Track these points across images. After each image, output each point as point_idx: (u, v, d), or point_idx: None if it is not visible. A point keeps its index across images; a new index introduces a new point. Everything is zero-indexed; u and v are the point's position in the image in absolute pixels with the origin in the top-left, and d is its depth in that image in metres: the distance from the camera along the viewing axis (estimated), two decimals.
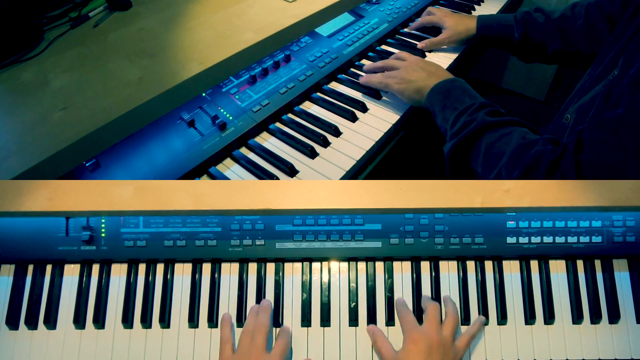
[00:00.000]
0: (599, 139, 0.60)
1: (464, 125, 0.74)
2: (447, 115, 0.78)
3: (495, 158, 0.69)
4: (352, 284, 0.69)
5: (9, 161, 0.57)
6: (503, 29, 1.07)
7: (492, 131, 0.72)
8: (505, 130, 0.71)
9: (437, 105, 0.81)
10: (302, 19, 0.89)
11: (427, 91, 0.83)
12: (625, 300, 0.70)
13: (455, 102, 0.79)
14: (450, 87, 0.82)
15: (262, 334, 0.62)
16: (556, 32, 1.04)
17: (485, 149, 0.71)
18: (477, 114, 0.74)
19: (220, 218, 0.68)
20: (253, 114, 0.85)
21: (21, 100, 0.67)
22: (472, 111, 0.75)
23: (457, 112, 0.77)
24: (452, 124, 0.77)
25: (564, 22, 1.04)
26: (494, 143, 0.70)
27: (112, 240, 0.68)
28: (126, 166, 0.73)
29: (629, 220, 0.70)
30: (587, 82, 0.82)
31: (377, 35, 1.13)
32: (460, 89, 0.81)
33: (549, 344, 0.68)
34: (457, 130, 0.75)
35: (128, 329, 0.67)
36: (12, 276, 0.68)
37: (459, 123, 0.75)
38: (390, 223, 0.69)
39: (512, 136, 0.69)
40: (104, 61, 0.75)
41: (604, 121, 0.61)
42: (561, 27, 1.04)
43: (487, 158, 0.71)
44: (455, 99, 0.79)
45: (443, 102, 0.80)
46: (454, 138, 0.75)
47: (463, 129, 0.74)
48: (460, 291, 0.69)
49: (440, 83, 0.83)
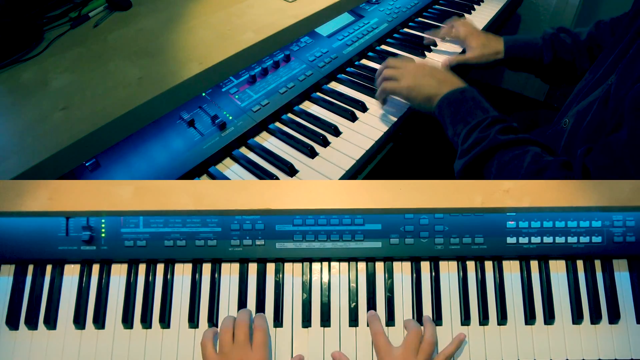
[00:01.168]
0: (604, 166, 0.60)
1: (475, 142, 0.72)
2: (458, 129, 0.76)
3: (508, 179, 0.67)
4: (352, 284, 0.69)
5: (9, 161, 0.57)
6: (532, 51, 1.04)
7: (504, 150, 0.69)
8: (517, 150, 0.69)
9: (447, 116, 0.78)
10: (302, 19, 0.89)
11: (437, 100, 0.80)
12: (625, 300, 0.70)
13: (466, 115, 0.76)
14: (461, 99, 0.78)
15: (243, 329, 0.63)
16: (585, 51, 1.03)
17: (497, 171, 0.69)
18: (489, 131, 0.72)
19: (220, 218, 0.68)
20: (253, 114, 0.85)
21: (21, 100, 0.67)
22: (483, 127, 0.72)
23: (469, 128, 0.74)
24: (463, 139, 0.74)
25: (592, 41, 1.03)
26: (506, 164, 0.68)
27: (112, 240, 0.68)
28: (126, 166, 0.73)
29: (629, 220, 0.70)
30: (585, 87, 0.82)
31: (377, 35, 1.13)
32: (472, 100, 0.78)
33: (549, 344, 0.68)
34: (468, 147, 0.72)
35: (128, 329, 0.67)
36: (12, 276, 0.68)
37: (470, 139, 0.73)
38: (390, 223, 0.69)
39: (525, 158, 0.67)
40: (104, 61, 0.75)
41: (608, 147, 0.60)
42: (590, 46, 1.03)
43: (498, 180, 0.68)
44: (467, 112, 0.76)
45: (454, 115, 0.77)
46: (465, 156, 0.73)
47: (474, 146, 0.72)
48: (460, 291, 0.69)
49: (450, 93, 0.79)
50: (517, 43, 1.05)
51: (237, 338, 0.62)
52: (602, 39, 1.02)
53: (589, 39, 1.04)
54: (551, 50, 1.03)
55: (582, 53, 1.03)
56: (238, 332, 0.63)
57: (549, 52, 1.03)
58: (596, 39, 1.03)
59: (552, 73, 1.07)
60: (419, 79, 0.85)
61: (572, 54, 1.04)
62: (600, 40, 1.02)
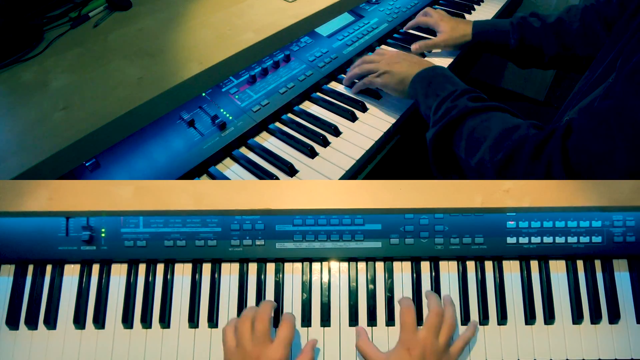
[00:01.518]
0: (588, 126, 0.59)
1: (446, 111, 0.74)
2: (429, 102, 0.79)
3: (478, 142, 0.69)
4: (352, 284, 0.69)
5: (9, 161, 0.57)
6: (499, 35, 1.06)
7: (474, 116, 0.72)
8: (487, 115, 0.71)
9: (420, 93, 0.81)
10: (302, 19, 0.89)
11: (410, 80, 0.84)
12: (625, 300, 0.70)
13: (437, 89, 0.79)
14: (432, 75, 0.82)
15: (263, 322, 0.59)
16: (553, 37, 1.03)
17: (468, 134, 0.71)
18: (459, 101, 0.74)
19: (220, 218, 0.68)
20: (253, 114, 0.85)
21: (21, 100, 0.67)
22: (454, 97, 0.75)
23: (440, 99, 0.77)
24: (434, 111, 0.77)
25: (560, 26, 1.03)
26: (476, 127, 0.70)
27: (112, 240, 0.68)
28: (126, 166, 0.73)
29: (629, 220, 0.70)
30: (585, 86, 0.82)
31: (376, 35, 1.13)
32: (443, 76, 0.81)
33: (549, 344, 0.68)
34: (440, 117, 0.75)
35: (128, 329, 0.67)
36: (12, 276, 0.68)
37: (441, 110, 0.75)
38: (390, 223, 0.69)
39: (495, 120, 0.69)
40: (104, 61, 0.75)
41: (595, 111, 0.60)
42: (557, 31, 1.03)
43: (469, 142, 0.71)
44: (437, 86, 0.79)
45: (425, 90, 0.80)
46: (436, 125, 0.75)
47: (445, 115, 0.74)
48: (460, 291, 0.69)
49: (422, 71, 0.83)
50: (485, 27, 1.08)
51: (255, 331, 0.59)
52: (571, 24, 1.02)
53: (557, 22, 1.04)
54: (518, 34, 1.04)
55: (549, 37, 1.04)
56: (257, 325, 0.59)
57: (515, 36, 1.05)
58: (564, 24, 1.03)
59: (520, 57, 1.09)
60: (391, 65, 0.89)
61: (539, 38, 1.04)
62: (569, 25, 1.02)
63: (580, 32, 1.01)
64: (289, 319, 0.62)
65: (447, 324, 0.63)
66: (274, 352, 0.58)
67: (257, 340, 0.58)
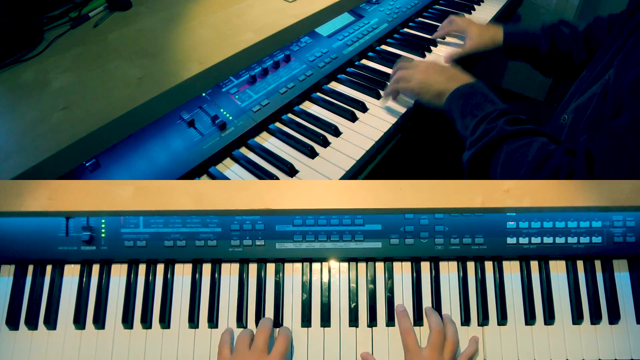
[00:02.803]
0: (606, 149, 0.60)
1: (483, 134, 0.73)
2: (466, 122, 0.77)
3: (515, 169, 0.68)
4: (352, 284, 0.69)
5: (9, 161, 0.57)
6: (530, 40, 1.05)
7: (511, 141, 0.70)
8: (524, 140, 0.70)
9: (456, 110, 0.79)
10: (302, 19, 0.89)
11: (447, 95, 0.82)
12: (625, 300, 0.70)
13: (475, 108, 0.77)
14: (470, 93, 0.80)
15: (263, 335, 0.62)
16: (582, 44, 1.03)
17: (504, 160, 0.70)
18: (496, 122, 0.72)
19: (220, 218, 0.68)
20: (253, 114, 0.85)
21: (21, 100, 0.67)
22: (491, 119, 0.73)
23: (477, 120, 0.75)
24: (471, 131, 0.75)
25: (589, 34, 1.04)
26: (513, 153, 0.69)
27: (112, 240, 0.68)
28: (126, 166, 0.73)
29: (629, 221, 0.70)
30: (584, 83, 0.82)
31: (377, 35, 1.13)
32: (481, 94, 0.79)
33: (549, 344, 0.68)
34: (476, 138, 0.73)
35: (128, 329, 0.67)
36: (12, 276, 0.68)
37: (478, 131, 0.74)
38: (390, 223, 0.69)
39: (532, 147, 0.68)
40: (104, 61, 0.75)
41: (609, 131, 0.61)
42: (587, 39, 1.03)
43: (505, 169, 0.70)
44: (475, 105, 0.77)
45: (462, 108, 0.78)
46: (472, 147, 0.73)
47: (482, 137, 0.72)
48: (460, 291, 0.69)
49: (460, 88, 0.81)
50: (516, 32, 1.07)
51: (255, 343, 0.62)
52: (599, 32, 1.02)
53: (586, 30, 1.04)
54: (549, 40, 1.04)
55: (579, 44, 1.04)
56: (258, 337, 0.62)
57: (547, 42, 1.04)
58: (593, 32, 1.03)
59: (549, 64, 1.08)
60: (428, 76, 0.87)
61: (569, 45, 1.04)
62: (597, 34, 1.02)
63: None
64: (285, 333, 0.64)
65: (450, 342, 0.64)
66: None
67: (255, 350, 0.61)
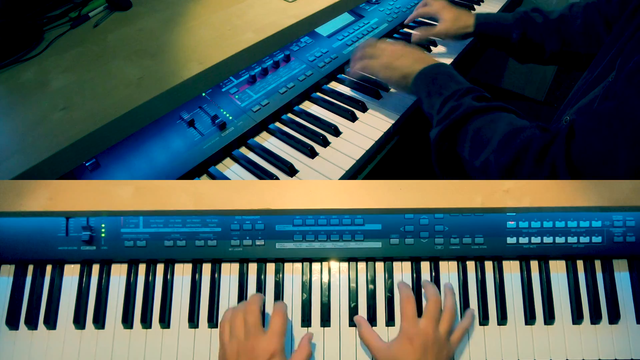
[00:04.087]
0: (591, 128, 0.60)
1: (450, 110, 0.73)
2: (433, 101, 0.78)
3: (483, 143, 0.69)
4: (352, 284, 0.69)
5: (9, 161, 0.57)
6: (501, 28, 1.06)
7: (478, 116, 0.71)
8: (492, 115, 0.70)
9: (423, 91, 0.80)
10: (302, 19, 0.89)
11: (413, 77, 0.83)
12: (625, 300, 0.70)
13: (441, 87, 0.78)
14: (436, 72, 0.81)
15: (253, 312, 0.60)
16: (554, 33, 1.04)
17: (472, 134, 0.70)
18: (463, 100, 0.73)
19: (220, 218, 0.68)
20: (253, 114, 0.85)
21: (21, 100, 0.67)
22: (458, 96, 0.74)
23: (443, 98, 0.76)
24: (438, 109, 0.76)
25: (562, 23, 1.04)
26: (480, 128, 0.70)
27: (112, 240, 0.68)
28: (126, 166, 0.73)
29: (629, 220, 0.70)
30: (585, 85, 0.82)
31: (376, 35, 1.13)
32: (447, 74, 0.80)
33: (549, 344, 0.68)
34: (444, 116, 0.74)
35: (128, 329, 0.67)
36: (12, 276, 0.68)
37: (445, 109, 0.74)
38: (390, 223, 0.69)
39: (500, 121, 0.69)
40: (104, 61, 0.75)
41: (598, 112, 0.61)
42: (559, 28, 1.04)
43: (474, 143, 0.70)
44: (441, 85, 0.78)
45: (429, 88, 0.79)
46: (440, 124, 0.74)
47: (449, 114, 0.73)
48: (460, 291, 0.69)
49: (425, 68, 0.82)
50: (488, 20, 1.08)
51: (246, 323, 0.59)
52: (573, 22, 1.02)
53: (559, 19, 1.04)
54: (520, 29, 1.04)
55: (552, 34, 1.04)
56: (247, 317, 0.59)
57: (518, 30, 1.04)
58: (566, 22, 1.03)
59: (520, 51, 1.09)
60: (394, 58, 0.87)
61: (541, 34, 1.05)
62: (571, 23, 1.03)
63: (582, 29, 1.01)
64: (280, 309, 0.62)
65: (447, 313, 0.64)
66: (268, 343, 0.58)
67: (249, 332, 0.58)
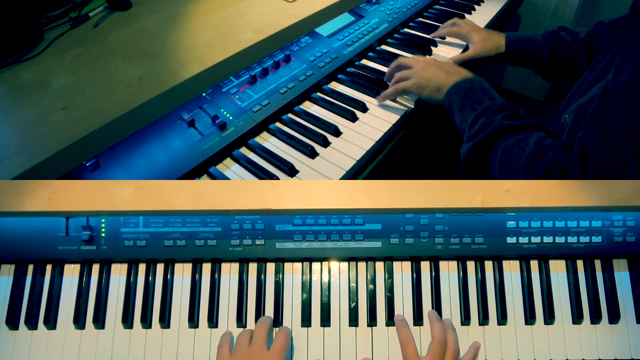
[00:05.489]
0: (600, 145, 0.61)
1: (482, 127, 0.74)
2: (465, 115, 0.78)
3: (512, 162, 0.69)
4: (352, 284, 0.69)
5: (9, 161, 0.57)
6: (532, 47, 1.07)
7: (509, 135, 0.72)
8: (522, 135, 0.71)
9: (455, 104, 0.81)
10: (302, 19, 0.89)
11: (447, 89, 0.83)
12: (625, 300, 0.70)
13: (474, 102, 0.78)
14: (469, 87, 0.81)
15: (262, 332, 0.62)
16: (584, 50, 1.05)
17: (502, 153, 0.71)
18: (495, 117, 0.74)
19: (220, 218, 0.68)
20: (253, 114, 0.85)
21: (21, 100, 0.67)
22: (490, 113, 0.75)
23: (476, 113, 0.76)
24: (470, 125, 0.77)
25: (590, 41, 1.05)
26: (511, 147, 0.70)
27: (112, 240, 0.68)
28: (126, 166, 0.73)
29: (629, 220, 0.70)
30: (584, 84, 0.83)
31: (377, 35, 1.13)
32: (480, 88, 0.81)
33: (549, 344, 0.68)
34: (475, 132, 0.75)
35: (128, 329, 0.67)
36: (12, 276, 0.68)
37: (477, 125, 0.75)
38: (390, 223, 0.69)
39: (529, 141, 0.69)
40: (104, 61, 0.75)
41: (603, 127, 0.61)
42: (589, 46, 1.05)
43: (503, 162, 0.71)
44: (475, 100, 0.79)
45: (462, 102, 0.80)
46: (471, 140, 0.75)
47: (481, 131, 0.74)
48: (460, 291, 0.69)
49: (460, 82, 0.83)
50: (518, 39, 1.08)
51: (254, 339, 0.62)
52: (600, 39, 1.03)
53: (587, 37, 1.05)
54: (550, 47, 1.06)
55: (581, 52, 1.05)
56: (257, 334, 0.62)
57: (548, 49, 1.06)
58: (594, 39, 1.04)
59: (551, 70, 1.10)
60: (428, 71, 0.88)
61: (571, 52, 1.06)
62: (598, 41, 1.04)
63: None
64: (284, 330, 0.64)
65: (450, 351, 0.64)
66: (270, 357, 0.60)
67: (254, 347, 0.61)
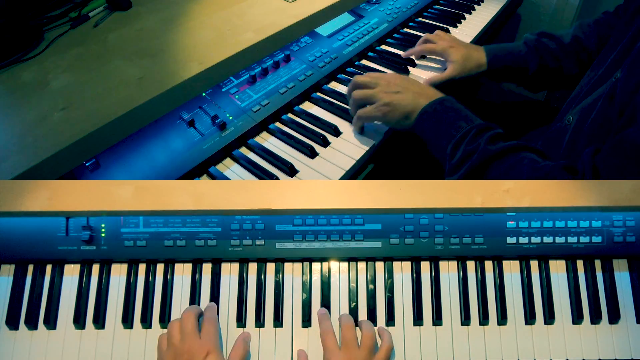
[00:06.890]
0: (615, 165, 0.59)
1: (465, 156, 0.69)
2: (442, 143, 0.72)
3: None
4: (352, 284, 0.69)
5: (9, 161, 0.57)
6: (516, 60, 0.99)
7: (497, 163, 0.67)
8: (512, 159, 0.67)
9: (429, 131, 0.75)
10: (302, 19, 0.89)
11: (415, 115, 0.76)
12: (625, 300, 0.70)
13: (449, 127, 0.72)
14: (441, 109, 0.75)
15: (189, 320, 0.62)
16: (571, 56, 0.99)
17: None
18: (477, 142, 0.69)
19: (220, 218, 0.68)
20: (253, 114, 0.85)
21: (21, 100, 0.67)
22: (470, 138, 0.69)
23: (455, 141, 0.71)
24: (450, 154, 0.71)
25: (577, 45, 1.00)
26: (502, 177, 0.66)
27: (112, 240, 0.68)
28: (126, 166, 0.73)
29: (629, 220, 0.70)
30: (588, 84, 0.82)
31: (377, 35, 1.13)
32: (453, 109, 0.74)
33: (549, 344, 0.68)
34: (457, 162, 0.70)
35: (128, 329, 0.67)
36: (12, 276, 0.68)
37: (457, 154, 0.70)
38: (390, 223, 0.69)
39: (522, 167, 0.65)
40: (104, 61, 0.75)
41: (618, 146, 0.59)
42: (576, 51, 1.00)
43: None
44: (449, 124, 0.72)
45: (436, 129, 0.74)
46: (457, 172, 0.70)
47: (464, 161, 0.69)
48: (460, 291, 0.69)
49: (428, 105, 0.75)
50: (500, 53, 0.99)
51: (183, 329, 0.62)
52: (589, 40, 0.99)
53: (574, 42, 1.00)
54: (536, 57, 0.99)
55: (569, 57, 1.00)
56: (184, 324, 0.62)
57: (534, 59, 0.98)
58: (582, 42, 1.00)
59: (537, 80, 1.03)
60: (392, 95, 0.79)
61: (558, 59, 1.00)
62: (587, 42, 1.00)
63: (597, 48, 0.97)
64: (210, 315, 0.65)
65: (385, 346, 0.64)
66: (203, 343, 0.60)
67: (185, 336, 0.61)
